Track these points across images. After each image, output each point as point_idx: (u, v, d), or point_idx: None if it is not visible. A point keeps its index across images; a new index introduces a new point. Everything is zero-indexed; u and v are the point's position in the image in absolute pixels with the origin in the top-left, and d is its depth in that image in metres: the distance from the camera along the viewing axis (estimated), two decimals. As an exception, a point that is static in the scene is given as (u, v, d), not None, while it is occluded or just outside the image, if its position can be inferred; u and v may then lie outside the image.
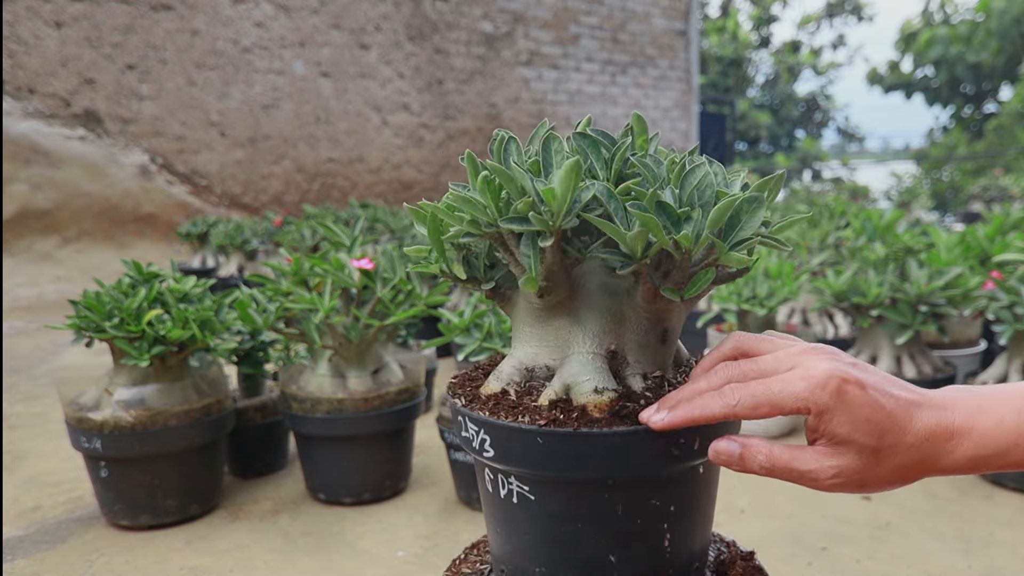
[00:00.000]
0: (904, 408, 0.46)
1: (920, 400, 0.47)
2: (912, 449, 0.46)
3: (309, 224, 3.22)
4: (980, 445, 0.45)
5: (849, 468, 0.46)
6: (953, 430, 0.46)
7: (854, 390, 0.45)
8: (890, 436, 0.45)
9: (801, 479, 0.47)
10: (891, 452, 0.45)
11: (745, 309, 1.82)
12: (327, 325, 1.28)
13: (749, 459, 0.47)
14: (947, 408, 0.47)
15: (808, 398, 0.45)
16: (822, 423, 0.46)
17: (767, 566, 0.62)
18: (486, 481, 0.56)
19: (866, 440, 0.45)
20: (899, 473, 0.46)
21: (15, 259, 4.20)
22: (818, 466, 0.46)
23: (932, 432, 0.46)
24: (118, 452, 1.22)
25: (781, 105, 14.58)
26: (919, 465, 0.46)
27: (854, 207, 2.84)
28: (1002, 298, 1.51)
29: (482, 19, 6.17)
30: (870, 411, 0.45)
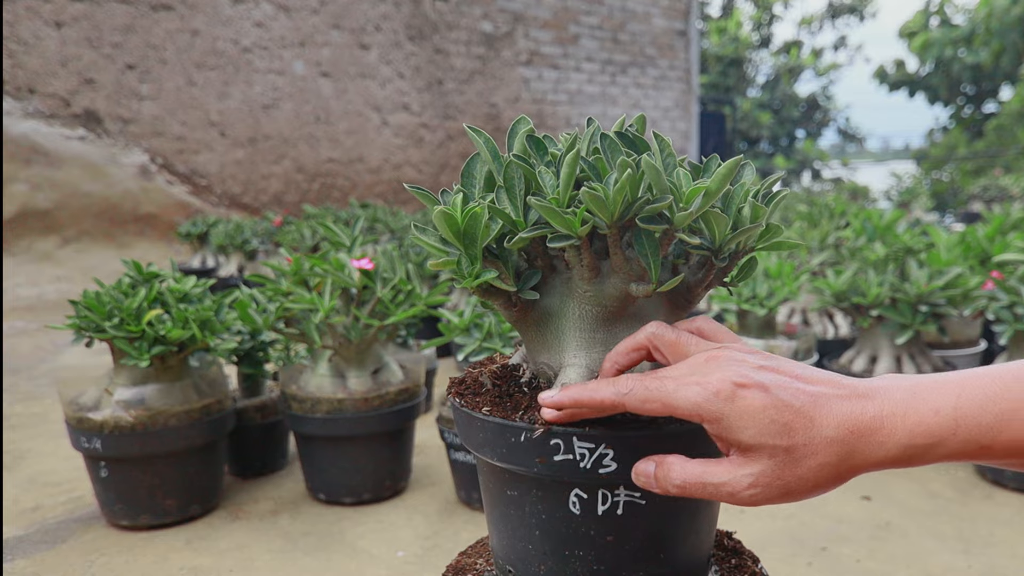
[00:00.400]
0: (818, 403, 0.43)
1: (844, 392, 0.44)
2: (833, 444, 0.42)
3: (309, 224, 3.22)
4: (915, 434, 0.42)
5: (765, 475, 0.43)
6: (883, 419, 0.43)
7: (752, 393, 0.43)
8: (801, 434, 0.42)
9: (717, 494, 0.44)
10: (807, 450, 0.43)
11: (745, 309, 1.82)
12: (327, 325, 1.28)
13: (662, 478, 0.45)
14: (876, 398, 0.43)
15: (701, 404, 0.43)
16: (722, 432, 0.44)
17: (767, 566, 0.62)
18: (571, 505, 0.52)
19: (774, 441, 0.42)
20: (824, 472, 0.43)
21: (15, 259, 4.20)
22: (731, 477, 0.44)
23: (856, 424, 0.43)
24: (118, 452, 1.22)
25: (782, 105, 14.58)
26: (845, 461, 0.43)
27: (854, 207, 2.84)
28: (1002, 298, 1.51)
29: (482, 19, 6.17)
30: (774, 411, 0.42)
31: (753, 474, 0.43)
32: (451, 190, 0.54)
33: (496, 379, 0.58)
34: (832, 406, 0.43)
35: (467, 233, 0.50)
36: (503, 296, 0.54)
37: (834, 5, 14.55)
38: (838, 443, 0.43)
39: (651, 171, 0.46)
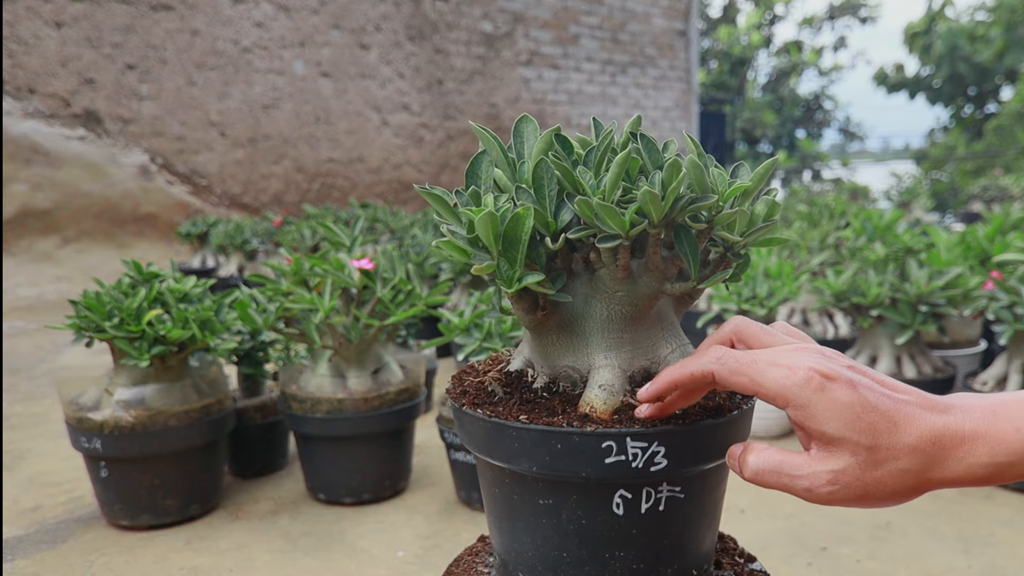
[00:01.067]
0: (902, 409, 0.43)
1: (924, 403, 0.44)
2: (914, 453, 0.42)
3: (309, 224, 3.22)
4: (996, 452, 0.42)
5: (845, 473, 0.43)
6: (964, 435, 0.42)
7: (840, 387, 0.43)
8: (886, 436, 0.43)
9: (792, 486, 0.44)
10: (889, 454, 0.43)
11: (745, 309, 1.82)
12: (327, 325, 1.28)
13: (741, 460, 0.46)
14: (956, 413, 0.43)
15: (788, 387, 0.44)
16: (806, 420, 0.44)
17: (767, 566, 0.62)
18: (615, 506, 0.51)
19: (858, 438, 0.42)
20: (904, 480, 0.43)
21: (15, 259, 4.20)
22: (811, 471, 0.44)
23: (938, 436, 0.43)
24: (118, 452, 1.22)
25: (782, 105, 14.58)
26: (926, 471, 0.43)
27: (854, 207, 2.84)
28: (1002, 298, 1.51)
29: (482, 19, 6.17)
30: (860, 409, 0.43)
31: (834, 471, 0.43)
32: (451, 191, 0.54)
33: (506, 387, 0.57)
34: (915, 415, 0.43)
35: (508, 236, 0.49)
36: (529, 300, 0.53)
37: (834, 6, 14.55)
38: (920, 452, 0.43)
39: (695, 171, 0.46)
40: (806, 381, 0.43)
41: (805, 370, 0.44)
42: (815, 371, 0.43)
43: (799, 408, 0.44)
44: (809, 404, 0.43)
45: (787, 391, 0.44)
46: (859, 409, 0.43)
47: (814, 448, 0.44)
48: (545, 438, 0.50)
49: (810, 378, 0.43)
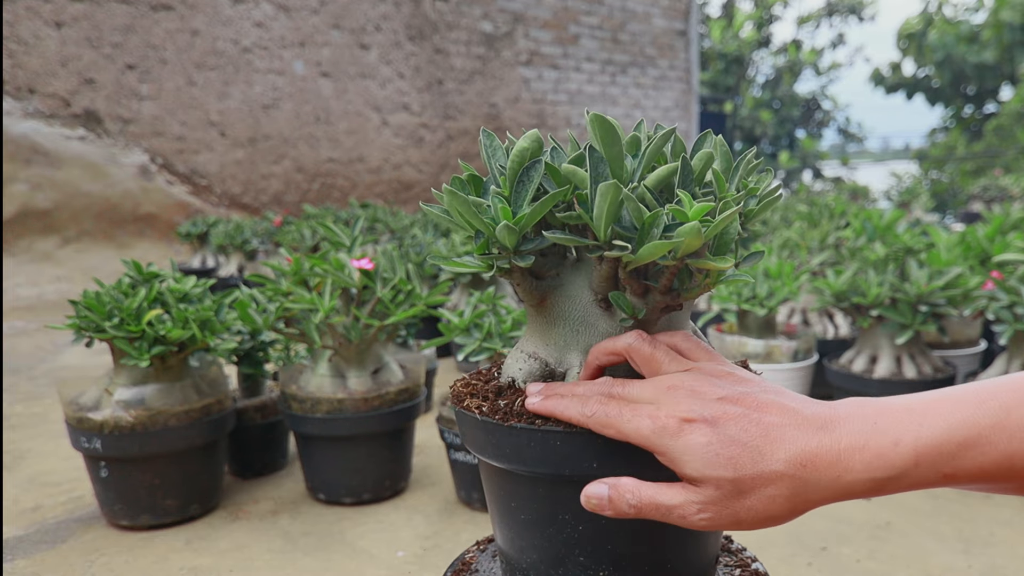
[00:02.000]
0: (770, 434, 0.43)
1: (801, 423, 0.44)
2: (782, 478, 0.43)
3: (309, 224, 3.22)
4: (873, 467, 0.42)
5: (713, 503, 0.44)
6: (839, 452, 0.42)
7: (697, 429, 0.44)
8: (749, 466, 0.43)
9: (670, 515, 0.45)
10: (755, 483, 0.43)
11: (745, 309, 1.82)
12: (327, 325, 1.28)
13: (618, 500, 0.46)
14: (835, 430, 0.43)
15: (648, 437, 0.45)
16: (670, 464, 0.45)
17: (767, 566, 0.62)
18: None
19: (718, 473, 0.43)
20: (775, 504, 0.43)
21: (15, 259, 4.20)
22: (683, 500, 0.45)
23: (808, 458, 0.43)
24: (118, 452, 1.22)
25: (782, 105, 14.58)
26: (798, 494, 0.43)
27: (854, 207, 2.85)
28: (1002, 298, 1.51)
29: (482, 19, 6.17)
30: (719, 446, 0.43)
31: (703, 501, 0.44)
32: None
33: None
34: (786, 438, 0.43)
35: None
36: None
37: (831, 4, 14.55)
38: (788, 477, 0.43)
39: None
40: (662, 428, 0.45)
41: (663, 417, 0.45)
42: (673, 417, 0.45)
43: (661, 455, 0.45)
44: (667, 450, 0.45)
45: (647, 440, 0.45)
46: (717, 446, 0.43)
47: (685, 481, 0.46)
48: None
49: (666, 425, 0.45)
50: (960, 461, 0.41)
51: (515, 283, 0.54)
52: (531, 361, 0.57)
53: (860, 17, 14.55)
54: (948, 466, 0.41)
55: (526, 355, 0.57)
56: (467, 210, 0.49)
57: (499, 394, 0.56)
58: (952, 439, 0.41)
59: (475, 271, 0.53)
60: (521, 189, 0.50)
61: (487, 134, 0.55)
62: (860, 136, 15.42)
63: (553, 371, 0.56)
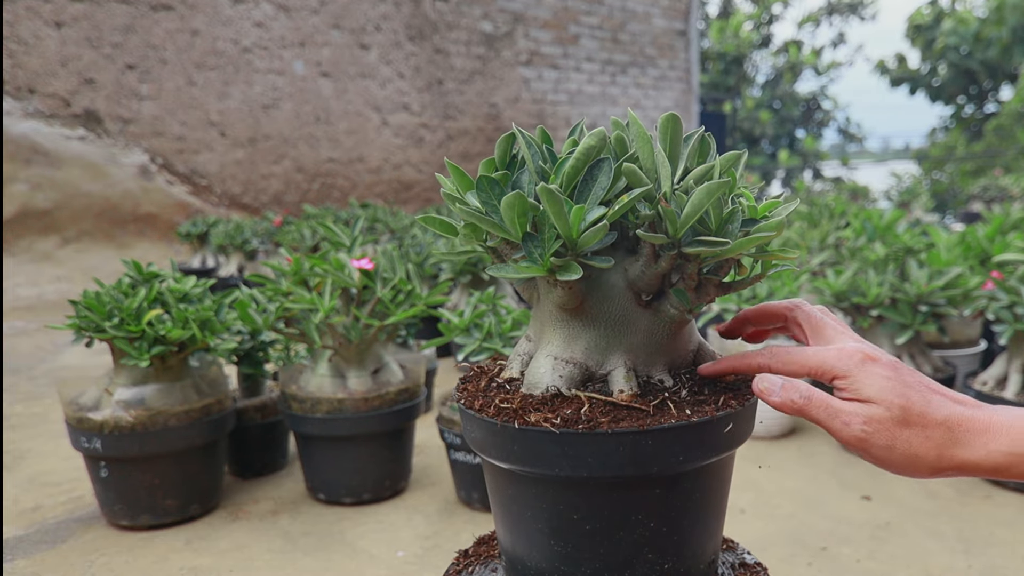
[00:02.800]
0: (934, 398, 0.49)
1: (956, 398, 0.50)
2: (941, 427, 0.48)
3: (309, 224, 3.22)
4: (1016, 443, 0.47)
5: (879, 420, 0.48)
6: (988, 424, 0.48)
7: (881, 367, 0.49)
8: (918, 405, 0.48)
9: (835, 418, 0.49)
10: (920, 419, 0.48)
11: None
12: (327, 325, 1.28)
13: (789, 389, 0.51)
14: (985, 409, 0.49)
15: (835, 364, 0.50)
16: (850, 386, 0.49)
17: (767, 566, 0.62)
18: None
19: (893, 399, 0.48)
20: (926, 447, 0.48)
21: (15, 259, 4.20)
22: (851, 408, 0.49)
23: (964, 421, 0.48)
24: (118, 452, 1.22)
25: (782, 105, 14.58)
26: (949, 446, 0.48)
27: (854, 207, 2.84)
28: (1002, 298, 1.51)
29: (482, 19, 6.17)
30: (897, 384, 0.49)
31: (870, 415, 0.49)
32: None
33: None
34: (945, 402, 0.49)
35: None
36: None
37: (832, 3, 14.54)
38: (946, 428, 0.48)
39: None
40: (849, 355, 0.50)
41: (851, 349, 0.51)
42: (860, 351, 0.50)
43: (843, 376, 0.50)
44: (850, 373, 0.50)
45: (831, 366, 0.50)
46: (895, 382, 0.49)
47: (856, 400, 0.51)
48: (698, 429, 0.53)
49: (852, 354, 0.50)
50: None
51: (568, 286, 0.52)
52: (569, 367, 0.54)
53: (861, 16, 14.54)
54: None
55: (563, 361, 0.55)
56: (551, 208, 0.47)
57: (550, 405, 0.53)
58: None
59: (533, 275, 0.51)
60: (586, 188, 0.50)
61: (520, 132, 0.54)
62: (860, 136, 15.41)
63: (593, 374, 0.55)
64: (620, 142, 0.54)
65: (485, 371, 0.62)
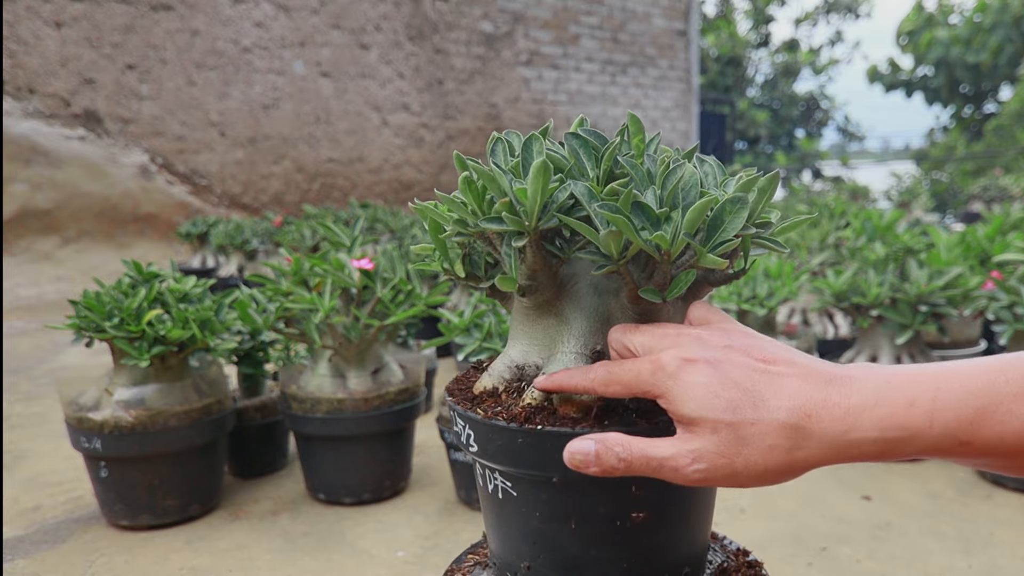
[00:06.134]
0: (774, 382, 0.41)
1: (807, 375, 0.42)
2: (785, 428, 0.40)
3: (309, 224, 3.22)
4: (886, 426, 0.39)
5: (709, 451, 0.41)
6: (848, 408, 0.40)
7: (697, 368, 0.42)
8: (749, 411, 0.40)
9: (662, 469, 0.42)
10: (754, 430, 0.40)
11: (745, 309, 1.82)
12: (327, 325, 1.28)
13: (605, 455, 0.43)
14: (844, 385, 0.41)
15: (649, 380, 0.43)
16: (669, 406, 0.43)
17: (768, 566, 0.62)
18: (476, 475, 0.56)
19: (718, 415, 0.41)
20: (774, 456, 0.40)
21: (15, 259, 4.20)
22: (675, 451, 0.42)
23: (814, 408, 0.40)
24: (118, 452, 1.22)
25: (781, 105, 14.58)
26: (800, 447, 0.40)
27: (854, 207, 2.85)
28: (1002, 298, 1.51)
29: (482, 19, 6.17)
30: (719, 387, 0.41)
31: (697, 450, 0.41)
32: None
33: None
34: (789, 385, 0.41)
35: (432, 228, 0.58)
36: (475, 282, 0.58)
37: (828, 1, 14.55)
38: (791, 427, 0.40)
39: (483, 176, 0.52)
40: (662, 367, 0.43)
41: (665, 358, 0.43)
42: (673, 356, 0.43)
43: (659, 396, 0.44)
44: (666, 390, 0.43)
45: (646, 383, 0.44)
46: (717, 387, 0.41)
47: (680, 430, 0.43)
48: (449, 404, 0.55)
49: (665, 363, 0.43)
50: (978, 428, 0.39)
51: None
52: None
53: (856, 14, 14.56)
54: (965, 432, 0.39)
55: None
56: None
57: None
58: (970, 404, 0.39)
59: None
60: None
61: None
62: (860, 135, 15.42)
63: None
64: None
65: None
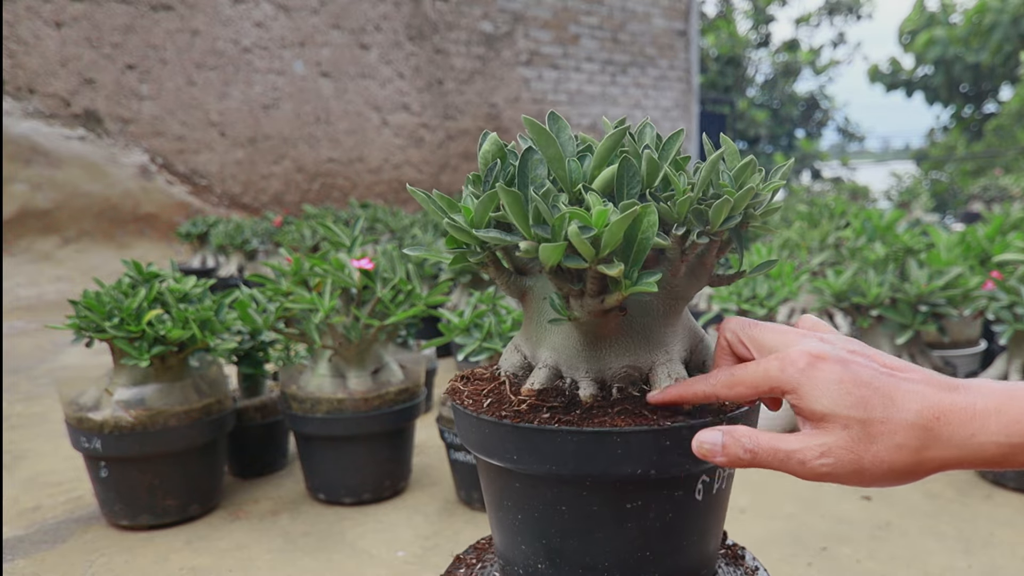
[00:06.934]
0: (901, 385, 0.42)
1: (930, 381, 0.43)
2: (913, 428, 0.41)
3: (309, 224, 3.22)
4: (1011, 432, 0.40)
5: (838, 446, 0.42)
6: (974, 412, 0.41)
7: (828, 365, 0.43)
8: (880, 410, 0.41)
9: (788, 462, 0.43)
10: (884, 428, 0.41)
11: (745, 309, 1.82)
12: (327, 325, 1.28)
13: (732, 445, 0.45)
14: (967, 391, 0.42)
15: (779, 377, 0.44)
16: (799, 401, 0.43)
17: (768, 566, 0.62)
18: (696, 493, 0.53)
19: (849, 412, 0.41)
20: (901, 456, 0.41)
21: (15, 259, 4.20)
22: (803, 445, 0.42)
23: (942, 411, 0.41)
24: (118, 452, 1.22)
25: (781, 105, 14.58)
26: (927, 447, 0.41)
27: (854, 207, 2.84)
28: (1002, 298, 1.51)
29: (482, 19, 6.17)
30: (851, 384, 0.42)
31: (826, 444, 0.42)
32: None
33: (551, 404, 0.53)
34: (916, 391, 0.42)
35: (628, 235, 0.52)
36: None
37: (830, 3, 14.55)
38: (920, 428, 0.41)
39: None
40: (792, 363, 0.44)
41: (794, 354, 0.44)
42: (803, 353, 0.44)
43: (790, 392, 0.44)
44: (798, 385, 0.43)
45: (775, 380, 0.44)
46: (849, 384, 0.42)
47: (807, 426, 0.44)
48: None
49: (795, 359, 0.44)
50: None
51: (491, 276, 0.55)
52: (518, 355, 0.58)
53: (858, 15, 14.55)
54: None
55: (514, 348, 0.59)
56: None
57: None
58: None
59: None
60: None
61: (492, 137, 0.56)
62: (860, 135, 15.41)
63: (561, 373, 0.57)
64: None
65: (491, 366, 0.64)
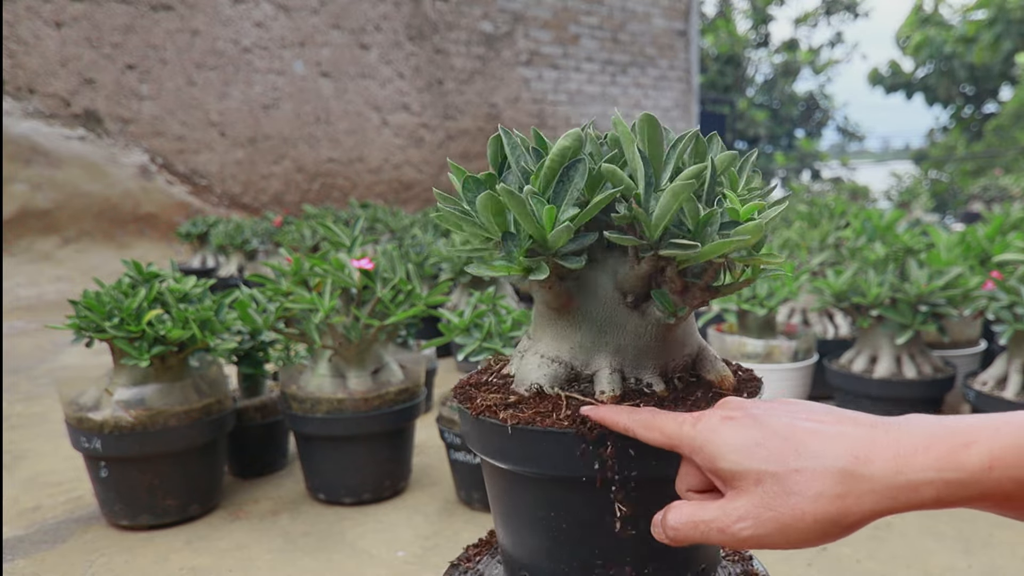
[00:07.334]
0: (817, 432, 0.39)
1: (852, 420, 0.40)
2: (832, 473, 0.37)
3: (309, 224, 3.22)
4: (943, 467, 0.37)
5: (755, 505, 0.38)
6: (898, 447, 0.37)
7: (738, 422, 0.41)
8: (792, 459, 0.38)
9: (708, 533, 0.40)
10: (800, 478, 0.37)
11: (745, 309, 1.82)
12: (327, 325, 1.28)
13: (660, 523, 0.44)
14: (890, 427, 0.38)
15: (689, 433, 0.43)
16: (707, 463, 0.41)
17: (767, 566, 0.62)
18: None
19: (761, 466, 0.38)
20: (823, 505, 0.37)
21: (15, 259, 4.20)
22: (721, 512, 0.40)
23: (864, 449, 0.37)
24: (118, 452, 1.22)
25: (781, 105, 14.58)
26: (853, 491, 0.37)
27: (854, 207, 2.84)
28: (1002, 298, 1.51)
29: (482, 19, 6.17)
30: (760, 437, 0.39)
31: (743, 508, 0.39)
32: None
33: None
34: (837, 431, 0.39)
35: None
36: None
37: (827, 1, 14.55)
38: (838, 472, 0.37)
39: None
40: (704, 424, 0.42)
41: (707, 415, 0.43)
42: (715, 415, 0.43)
43: (697, 451, 0.42)
44: (705, 443, 0.42)
45: (686, 435, 0.43)
46: (759, 437, 0.40)
47: (725, 492, 0.41)
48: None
49: (709, 418, 0.43)
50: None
51: (546, 286, 0.52)
52: (555, 365, 0.55)
53: (855, 13, 14.56)
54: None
55: (549, 359, 0.55)
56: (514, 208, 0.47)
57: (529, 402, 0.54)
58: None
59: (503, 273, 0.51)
60: (561, 189, 0.49)
61: (506, 132, 0.54)
62: (860, 135, 15.41)
63: (579, 374, 0.55)
64: (615, 142, 0.54)
65: (491, 367, 0.63)
